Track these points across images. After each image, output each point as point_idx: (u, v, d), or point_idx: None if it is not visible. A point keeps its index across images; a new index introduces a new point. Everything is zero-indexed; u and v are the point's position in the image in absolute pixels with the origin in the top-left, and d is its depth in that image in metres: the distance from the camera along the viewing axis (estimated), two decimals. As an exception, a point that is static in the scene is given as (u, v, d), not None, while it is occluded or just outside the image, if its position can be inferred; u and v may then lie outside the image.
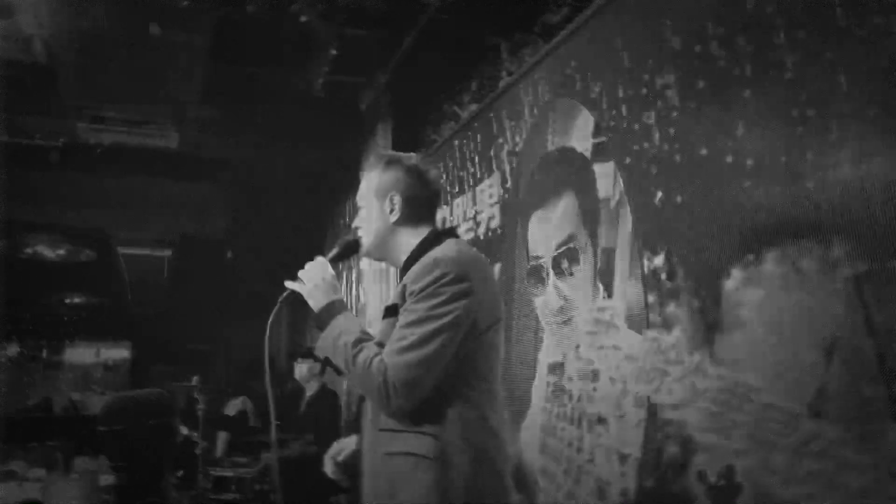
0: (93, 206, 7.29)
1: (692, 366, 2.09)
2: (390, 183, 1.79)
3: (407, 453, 1.57)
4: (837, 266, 1.64)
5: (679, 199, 2.18)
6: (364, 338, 1.64)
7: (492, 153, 3.45)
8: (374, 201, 1.81)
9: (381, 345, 1.61)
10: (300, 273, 1.79)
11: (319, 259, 1.80)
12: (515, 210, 3.21)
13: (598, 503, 2.50)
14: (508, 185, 3.29)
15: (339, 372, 1.69)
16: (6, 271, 7.04)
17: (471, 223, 3.64)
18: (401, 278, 1.70)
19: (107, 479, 3.54)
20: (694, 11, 2.14)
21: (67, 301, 9.74)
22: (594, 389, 2.57)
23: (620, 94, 2.47)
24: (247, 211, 7.28)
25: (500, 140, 3.37)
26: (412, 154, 1.88)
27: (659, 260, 2.25)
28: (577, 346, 2.69)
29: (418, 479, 1.54)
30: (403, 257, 1.75)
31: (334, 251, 1.86)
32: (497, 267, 3.34)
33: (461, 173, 3.77)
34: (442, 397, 1.57)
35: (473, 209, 3.62)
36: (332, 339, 1.67)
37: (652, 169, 2.30)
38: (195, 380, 4.44)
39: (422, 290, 1.58)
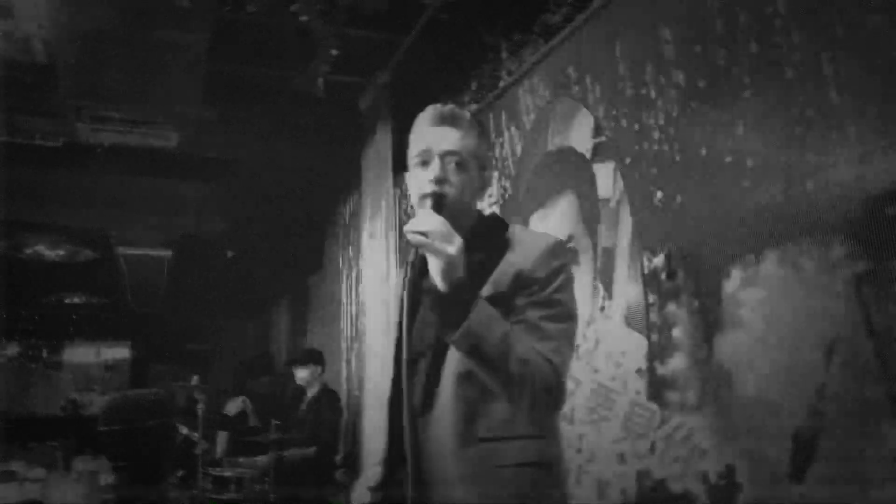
0: (93, 206, 7.29)
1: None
2: (486, 154, 1.61)
3: (531, 463, 1.39)
4: (837, 266, 1.64)
5: (679, 199, 2.18)
6: (508, 329, 1.35)
7: (492, 153, 3.45)
8: (475, 167, 1.56)
9: None
10: (417, 226, 1.37)
11: (438, 218, 1.39)
12: (515, 210, 3.21)
13: (598, 503, 2.50)
14: (508, 185, 3.29)
15: (489, 363, 1.33)
16: (6, 271, 7.05)
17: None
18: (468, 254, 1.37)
19: (107, 479, 3.54)
20: (694, 11, 2.14)
21: (67, 301, 9.75)
22: (594, 389, 2.57)
23: (620, 94, 2.47)
24: (247, 211, 7.28)
25: (500, 140, 3.37)
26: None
27: (659, 260, 2.25)
28: (577, 346, 2.69)
29: (546, 488, 1.39)
30: (462, 232, 1.39)
31: (430, 204, 1.47)
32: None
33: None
34: None
35: (473, 209, 3.62)
36: (485, 325, 1.33)
37: (652, 169, 2.30)
38: (195, 380, 4.45)
39: (549, 279, 1.42)
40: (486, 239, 1.48)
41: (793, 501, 1.72)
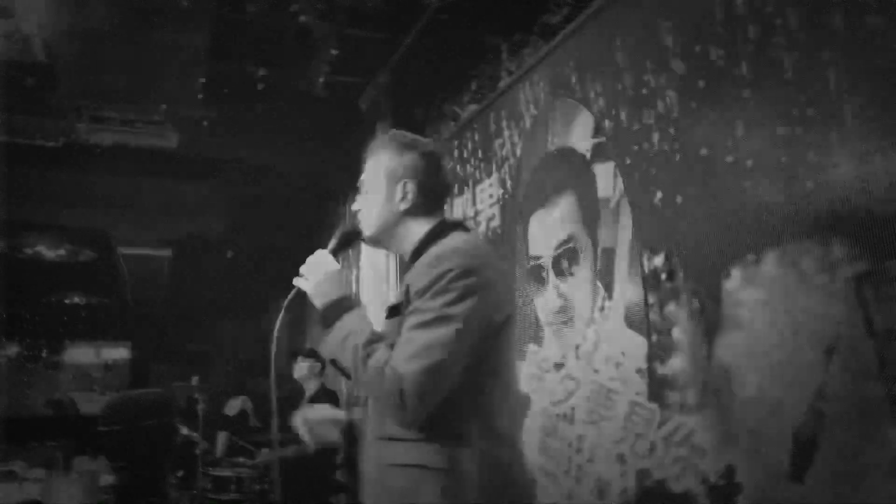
0: (93, 206, 7.29)
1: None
2: (405, 168, 1.64)
3: (415, 465, 1.44)
4: (837, 266, 1.64)
5: (679, 199, 2.18)
6: (375, 339, 1.48)
7: (492, 153, 3.45)
8: (384, 185, 1.65)
9: (393, 347, 1.46)
10: (301, 268, 1.63)
11: (320, 252, 1.65)
12: (515, 210, 3.21)
13: (598, 503, 2.50)
14: (508, 185, 3.29)
15: (347, 376, 1.53)
16: (6, 271, 7.05)
17: (471, 223, 3.64)
18: (405, 273, 1.56)
19: (107, 479, 3.54)
20: (694, 12, 2.14)
21: (67, 301, 9.74)
22: (594, 389, 2.57)
23: (620, 94, 2.47)
24: (247, 211, 7.28)
25: (500, 140, 3.37)
26: (429, 139, 1.74)
27: (659, 260, 2.25)
28: (577, 346, 2.68)
29: (428, 493, 1.41)
30: (409, 249, 1.60)
31: (334, 241, 1.70)
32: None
33: (461, 173, 3.77)
34: (452, 401, 1.44)
35: (473, 209, 3.62)
36: (340, 340, 1.51)
37: (652, 169, 2.30)
38: (195, 380, 4.44)
39: (427, 287, 1.44)
40: (418, 253, 1.56)
41: (793, 501, 1.72)
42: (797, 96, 1.76)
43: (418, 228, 1.62)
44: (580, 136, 2.73)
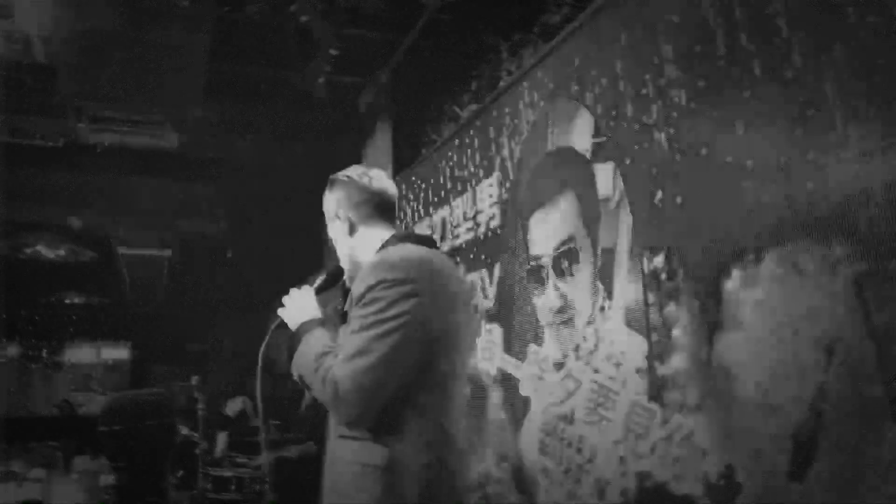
0: (93, 206, 7.30)
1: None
2: (336, 201, 1.84)
3: (358, 462, 1.55)
4: (837, 266, 1.64)
5: (679, 199, 2.18)
6: (327, 350, 1.61)
7: (492, 153, 3.45)
8: (332, 225, 1.86)
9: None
10: (283, 298, 1.81)
11: (304, 286, 1.83)
12: (515, 210, 3.21)
13: (598, 503, 2.50)
14: (508, 185, 3.29)
15: (309, 389, 1.65)
16: (6, 271, 7.05)
17: (471, 223, 3.64)
18: None
19: (107, 479, 3.54)
20: (694, 11, 2.14)
21: (67, 301, 9.75)
22: (594, 389, 2.57)
23: (620, 94, 2.47)
24: (247, 211, 7.28)
25: (500, 140, 3.37)
26: (354, 165, 1.91)
27: (659, 260, 2.25)
28: (577, 346, 2.69)
29: (367, 489, 1.51)
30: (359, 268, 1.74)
31: (319, 280, 1.88)
32: (497, 267, 3.34)
33: (461, 173, 3.77)
34: (395, 404, 1.53)
35: (473, 209, 3.62)
36: (303, 356, 1.65)
37: (652, 169, 2.30)
38: (195, 380, 4.44)
39: (362, 296, 1.55)
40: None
41: (793, 501, 1.72)
42: (797, 96, 1.76)
43: (372, 245, 1.76)
44: (580, 136, 2.73)
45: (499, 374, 3.26)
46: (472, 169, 3.65)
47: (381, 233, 1.78)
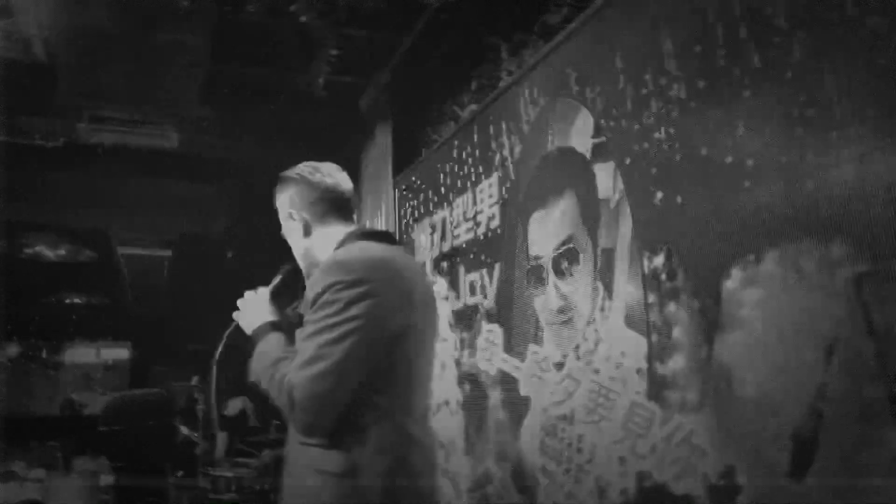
0: (93, 206, 7.30)
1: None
2: (288, 200, 1.83)
3: (317, 469, 1.50)
4: (837, 266, 1.64)
5: (679, 199, 2.18)
6: (282, 357, 1.56)
7: (492, 153, 3.45)
8: (285, 224, 1.84)
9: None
10: (238, 302, 1.80)
11: (260, 289, 1.81)
12: (515, 210, 3.21)
13: (598, 503, 2.50)
14: (508, 185, 3.29)
15: (269, 396, 1.61)
16: (6, 271, 7.05)
17: (471, 223, 3.64)
18: None
19: (107, 479, 3.54)
20: (694, 12, 2.14)
21: (67, 301, 9.74)
22: (594, 389, 2.57)
23: (620, 94, 2.47)
24: (247, 211, 7.28)
25: (500, 140, 3.37)
26: (305, 162, 1.87)
27: (659, 260, 2.25)
28: (577, 346, 2.69)
29: (329, 497, 1.47)
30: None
31: (275, 282, 1.86)
32: (497, 267, 3.34)
33: (461, 173, 3.77)
34: (352, 408, 1.48)
35: (473, 209, 3.62)
36: (258, 362, 1.61)
37: (652, 169, 2.30)
38: (195, 380, 4.45)
39: (315, 299, 1.51)
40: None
41: (793, 501, 1.72)
42: (797, 96, 1.76)
43: (328, 243, 1.72)
44: (580, 136, 2.73)
45: (499, 374, 3.26)
46: (472, 169, 3.65)
47: (338, 231, 1.73)
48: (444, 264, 3.88)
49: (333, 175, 1.83)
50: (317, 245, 1.75)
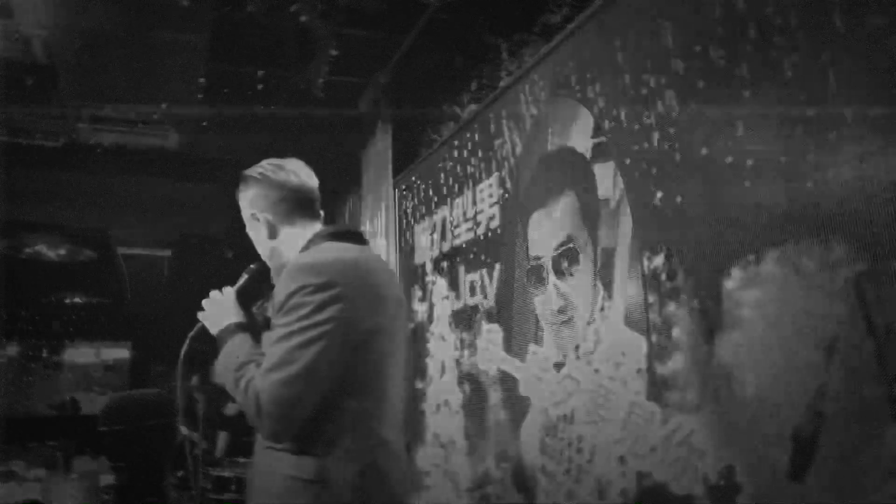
0: (93, 206, 7.29)
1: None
2: (251, 201, 1.78)
3: (286, 475, 1.47)
4: (837, 266, 1.64)
5: (679, 199, 2.18)
6: (249, 360, 1.52)
7: (492, 153, 3.45)
8: (249, 225, 1.80)
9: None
10: (203, 302, 1.75)
11: (226, 288, 1.76)
12: (515, 210, 3.21)
13: (598, 503, 2.50)
14: (508, 185, 3.29)
15: (234, 400, 1.56)
16: (6, 271, 7.05)
17: (471, 223, 3.64)
18: None
19: (107, 479, 3.54)
20: (694, 11, 2.14)
21: (67, 301, 9.75)
22: (594, 389, 2.57)
23: (620, 94, 2.47)
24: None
25: (500, 140, 3.37)
26: (268, 159, 1.82)
27: (659, 260, 2.25)
28: (577, 346, 2.69)
29: (301, 502, 1.43)
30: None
31: (241, 281, 1.81)
32: (497, 267, 3.34)
33: (461, 173, 3.77)
34: (322, 413, 1.45)
35: (473, 209, 3.62)
36: (222, 365, 1.58)
37: (652, 169, 2.30)
38: (195, 380, 4.44)
39: (283, 303, 1.47)
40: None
41: (793, 501, 1.72)
42: (797, 96, 1.76)
43: (295, 242, 1.68)
44: (580, 136, 2.73)
45: (499, 374, 3.26)
46: (472, 169, 3.65)
47: (305, 230, 1.69)
48: (444, 264, 3.89)
49: (298, 173, 1.78)
50: (284, 245, 1.72)
